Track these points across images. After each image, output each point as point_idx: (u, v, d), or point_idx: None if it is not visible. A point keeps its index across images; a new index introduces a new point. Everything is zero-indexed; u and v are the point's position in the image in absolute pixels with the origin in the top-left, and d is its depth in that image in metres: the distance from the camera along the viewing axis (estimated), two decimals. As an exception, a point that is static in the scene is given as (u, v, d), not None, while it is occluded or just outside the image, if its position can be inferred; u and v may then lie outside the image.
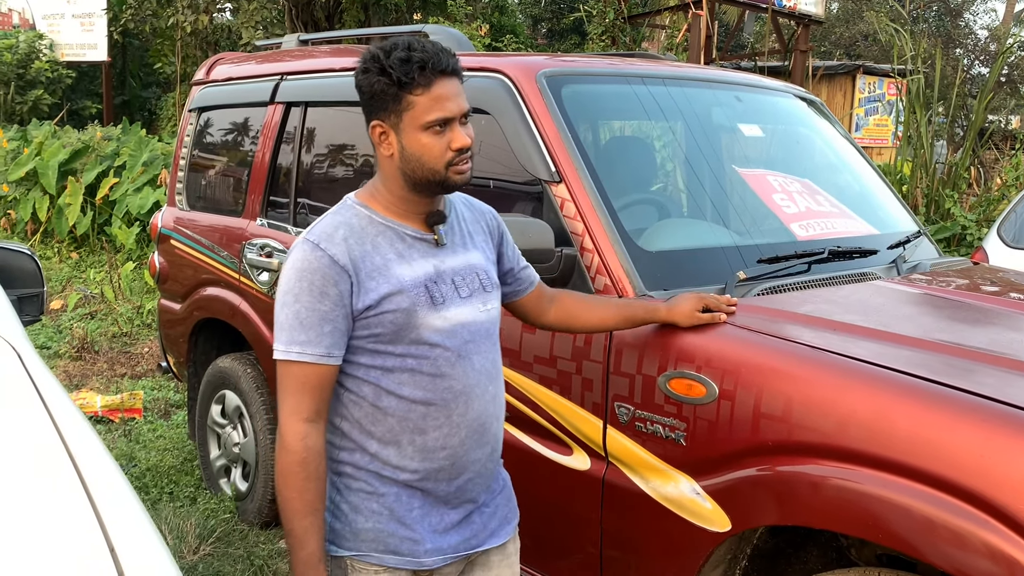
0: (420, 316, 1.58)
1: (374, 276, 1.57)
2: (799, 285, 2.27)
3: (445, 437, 1.63)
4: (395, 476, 1.63)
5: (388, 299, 1.56)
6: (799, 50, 10.56)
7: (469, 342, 1.65)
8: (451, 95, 1.55)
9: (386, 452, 1.62)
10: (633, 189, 2.64)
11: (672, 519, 1.99)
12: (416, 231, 1.64)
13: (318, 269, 1.54)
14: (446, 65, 1.54)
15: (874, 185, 3.04)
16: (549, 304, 1.94)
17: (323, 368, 1.56)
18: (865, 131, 13.63)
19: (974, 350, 1.86)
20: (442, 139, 1.56)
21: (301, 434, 1.55)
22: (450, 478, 1.65)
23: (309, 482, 1.55)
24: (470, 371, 1.65)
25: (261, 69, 3.54)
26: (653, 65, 2.87)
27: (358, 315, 1.56)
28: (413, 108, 1.54)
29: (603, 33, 11.11)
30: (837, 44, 18.52)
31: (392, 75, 1.52)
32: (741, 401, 1.86)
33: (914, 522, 1.61)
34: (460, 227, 1.72)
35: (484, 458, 1.70)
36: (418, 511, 1.65)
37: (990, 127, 12.94)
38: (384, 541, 1.63)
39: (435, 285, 1.61)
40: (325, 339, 1.55)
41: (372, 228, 1.61)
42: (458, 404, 1.63)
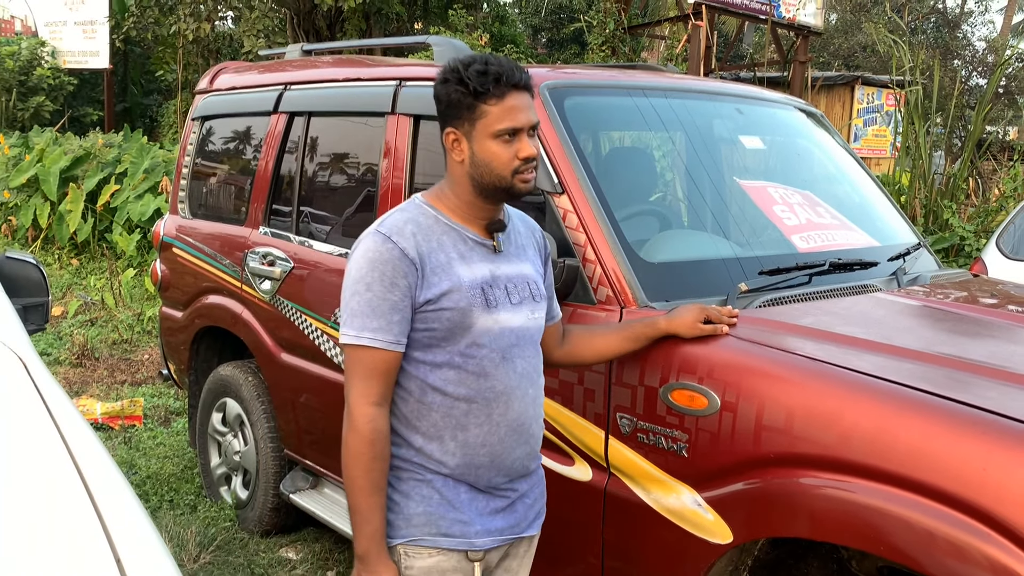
0: (474, 316, 1.67)
1: (437, 272, 1.66)
2: (800, 297, 2.28)
3: (486, 435, 1.71)
4: (439, 469, 1.71)
5: (447, 296, 1.66)
6: (798, 61, 10.61)
7: (514, 346, 1.73)
8: (522, 107, 1.66)
9: (430, 447, 1.70)
10: (635, 200, 2.65)
11: (674, 530, 1.99)
12: (477, 236, 1.73)
13: (389, 260, 1.64)
14: (519, 79, 1.65)
15: (874, 197, 3.05)
16: (560, 343, 2.00)
17: (391, 355, 1.66)
18: (864, 141, 13.66)
19: (975, 363, 1.87)
20: (510, 148, 1.65)
21: (369, 416, 1.65)
22: (491, 474, 1.74)
23: (376, 462, 1.66)
24: (512, 373, 1.73)
25: (265, 79, 3.55)
26: (655, 77, 2.89)
27: (418, 308, 1.66)
28: (486, 117, 1.64)
29: (603, 43, 11.15)
30: (836, 55, 18.59)
31: (469, 85, 1.63)
32: (743, 413, 1.87)
33: (915, 535, 1.61)
34: (516, 239, 1.82)
35: (523, 456, 1.78)
36: (466, 495, 1.73)
37: (988, 138, 12.97)
38: (436, 523, 1.71)
39: (490, 288, 1.70)
40: (395, 327, 1.65)
41: (438, 227, 1.71)
42: (499, 404, 1.71)
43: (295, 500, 3.28)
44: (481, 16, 16.07)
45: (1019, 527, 1.50)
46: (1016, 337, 2.13)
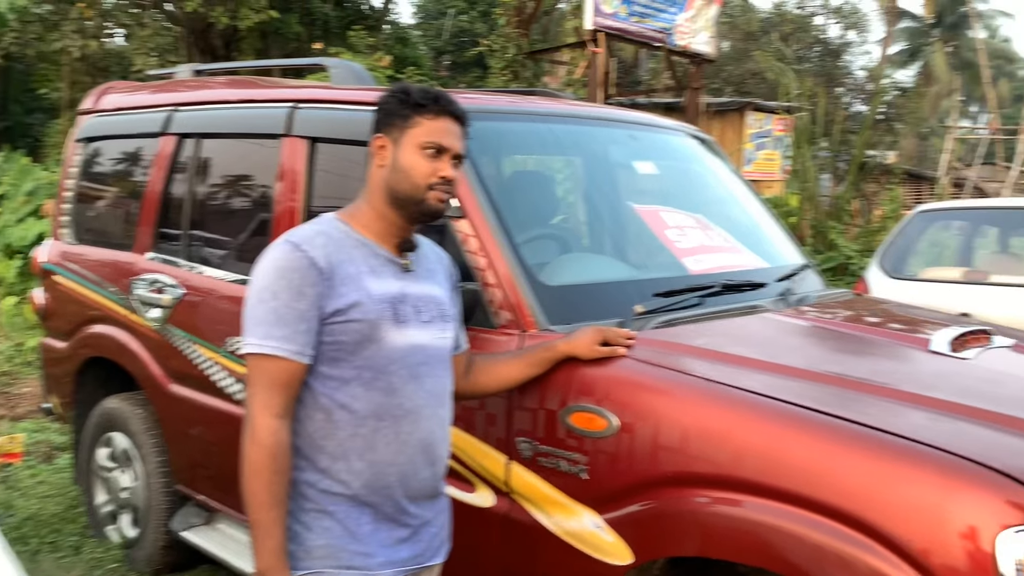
0: (383, 330, 1.67)
1: (346, 283, 1.66)
2: (693, 318, 2.34)
3: (394, 454, 1.70)
4: (345, 491, 1.68)
5: (356, 308, 1.65)
6: (692, 87, 10.98)
7: (423, 364, 1.74)
8: (452, 132, 1.73)
9: (336, 467, 1.68)
10: (534, 224, 2.67)
11: (574, 554, 1.99)
12: (388, 253, 1.75)
13: (297, 268, 1.63)
14: (457, 110, 1.74)
15: (763, 220, 3.17)
16: (464, 376, 1.99)
17: (296, 366, 1.63)
18: (755, 165, 14.22)
19: (858, 380, 1.95)
20: (432, 163, 1.70)
21: (272, 429, 1.62)
22: (398, 496, 1.72)
23: (277, 475, 1.62)
24: (421, 392, 1.73)
25: (154, 99, 3.43)
26: (552, 103, 2.92)
27: (326, 319, 1.64)
28: (417, 128, 1.70)
29: (505, 68, 11.28)
30: (728, 82, 19.33)
31: (410, 98, 1.71)
32: (640, 434, 1.89)
33: (805, 549, 1.66)
34: (426, 263, 1.84)
35: (431, 477, 1.77)
36: (368, 526, 1.70)
37: (869, 162, 13.69)
38: (337, 556, 1.68)
39: (400, 304, 1.71)
40: (300, 337, 1.63)
41: (349, 241, 1.72)
42: (407, 422, 1.71)
43: (187, 537, 3.14)
44: (382, 38, 16.03)
45: (899, 538, 1.57)
46: (896, 354, 2.24)
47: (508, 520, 2.14)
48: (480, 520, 2.20)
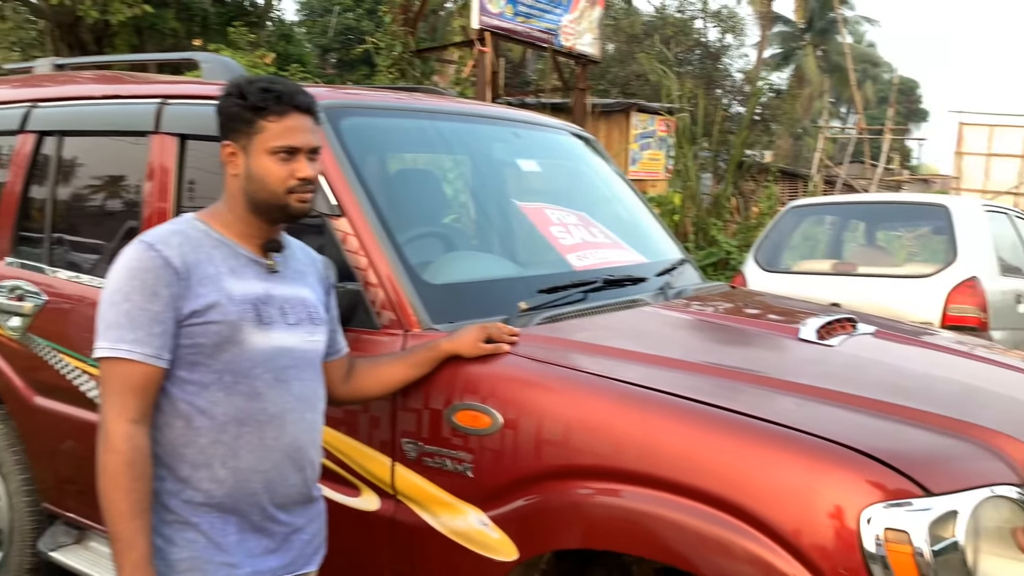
0: (244, 332, 1.62)
1: (205, 283, 1.60)
2: (576, 313, 2.36)
3: (258, 460, 1.65)
4: (208, 501, 1.63)
5: (215, 308, 1.60)
6: (578, 88, 11.16)
7: (290, 367, 1.69)
8: (301, 128, 1.66)
9: (198, 475, 1.62)
10: (417, 223, 2.64)
11: (461, 552, 1.98)
12: (251, 253, 1.70)
13: (151, 269, 1.57)
14: (300, 102, 1.67)
15: (643, 217, 3.24)
16: (345, 380, 1.97)
17: (151, 369, 1.58)
18: (640, 165, 14.57)
19: (731, 369, 2.01)
20: (287, 166, 1.65)
21: (128, 434, 1.55)
22: (265, 503, 1.67)
23: (136, 483, 1.55)
24: (287, 396, 1.68)
25: (9, 95, 3.23)
26: (435, 100, 2.91)
27: (183, 321, 1.59)
28: (263, 132, 1.64)
29: (392, 66, 11.18)
30: (614, 83, 19.71)
31: (248, 100, 1.64)
32: (524, 429, 1.90)
33: (685, 536, 1.70)
34: (295, 264, 1.79)
35: (300, 484, 1.72)
36: (234, 536, 1.65)
37: (747, 161, 14.24)
38: (201, 568, 1.62)
39: (264, 306, 1.66)
40: (155, 340, 1.57)
41: (208, 241, 1.66)
42: (272, 427, 1.66)
43: (56, 558, 2.96)
44: (265, 35, 15.61)
45: (773, 521, 1.62)
46: (767, 343, 2.33)
47: (394, 522, 2.11)
48: (366, 524, 2.16)
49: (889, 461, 1.60)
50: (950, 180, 18.81)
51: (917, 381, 2.07)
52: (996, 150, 18.92)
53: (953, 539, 1.55)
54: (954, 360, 2.40)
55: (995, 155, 18.85)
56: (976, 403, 1.97)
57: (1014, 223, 5.81)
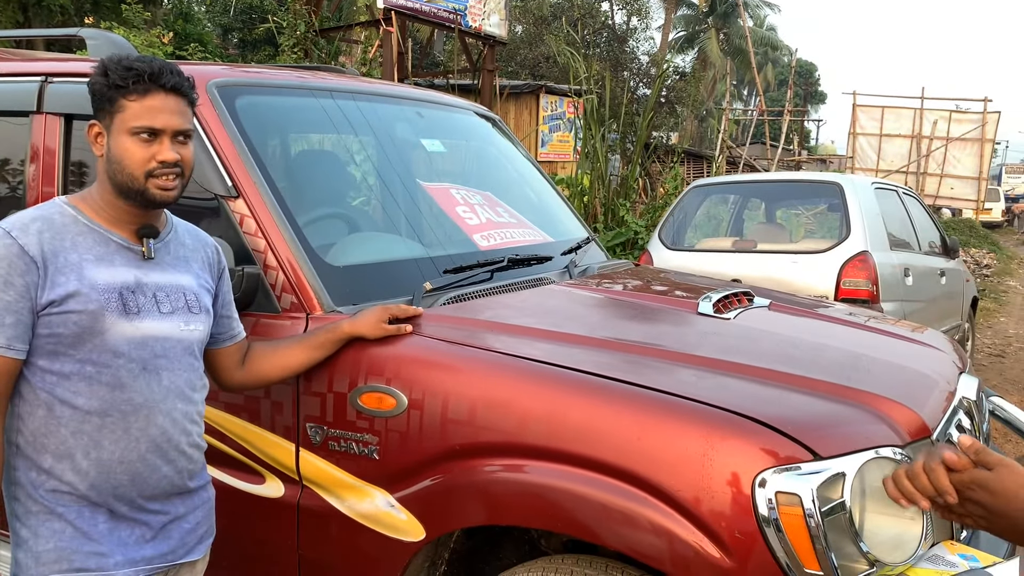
0: (107, 322, 1.57)
1: (65, 272, 1.55)
2: (482, 293, 2.37)
3: (123, 451, 1.61)
4: (73, 491, 1.59)
5: (74, 298, 1.55)
6: (486, 69, 11.12)
7: (160, 357, 1.64)
8: (166, 109, 1.60)
9: (60, 467, 1.58)
10: (319, 204, 2.59)
11: (369, 535, 1.97)
12: (124, 239, 1.64)
13: (5, 257, 1.52)
14: (167, 82, 1.60)
15: (548, 196, 3.26)
16: (241, 365, 1.93)
17: (4, 361, 1.53)
18: (550, 147, 14.67)
19: (632, 343, 2.05)
20: (147, 148, 1.59)
21: None
22: (134, 495, 1.63)
23: None
24: (156, 386, 1.64)
25: None
26: (337, 79, 2.85)
27: (41, 310, 1.54)
28: (123, 112, 1.59)
29: (295, 45, 10.91)
30: (523, 65, 19.74)
31: (110, 77, 1.58)
32: (429, 409, 1.89)
33: (591, 508, 1.73)
34: (177, 250, 1.73)
35: (172, 475, 1.68)
36: (104, 525, 1.61)
37: (654, 142, 14.49)
38: (68, 559, 1.58)
39: (132, 295, 1.61)
40: (7, 330, 1.52)
41: (75, 227, 1.61)
42: (138, 418, 1.61)
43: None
44: (162, 12, 15.02)
45: (672, 490, 1.67)
46: (667, 318, 2.38)
47: (300, 508, 2.08)
48: (272, 511, 2.12)
49: (779, 427, 1.66)
50: (845, 159, 19.60)
51: (808, 351, 2.15)
52: (888, 131, 19.79)
53: (841, 499, 1.63)
54: (843, 330, 2.51)
55: (887, 135, 19.72)
56: (862, 370, 2.06)
57: (902, 200, 6.09)
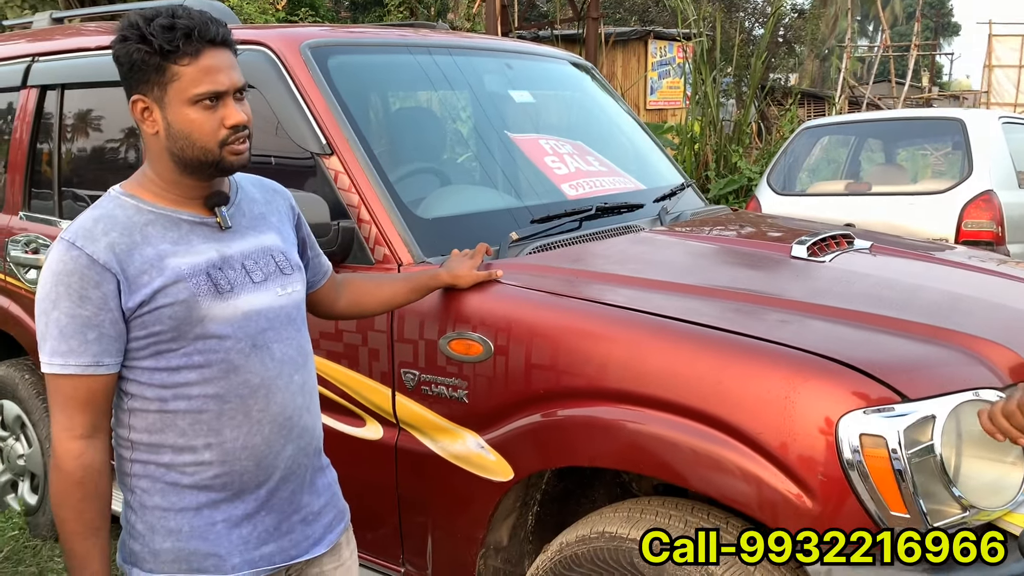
0: (203, 307, 1.45)
1: (145, 270, 1.43)
2: (569, 242, 2.39)
3: (245, 436, 1.51)
4: (196, 484, 1.50)
5: (163, 292, 1.43)
6: (591, 17, 10.93)
7: (267, 330, 1.53)
8: (222, 67, 1.44)
9: (181, 460, 1.50)
10: (410, 159, 2.67)
11: (461, 475, 2.06)
12: (194, 215, 1.51)
13: (75, 271, 1.40)
14: (215, 34, 1.43)
15: (643, 144, 3.23)
16: (339, 293, 1.90)
17: (93, 379, 1.43)
18: (660, 94, 14.35)
19: (717, 288, 2.03)
20: (214, 115, 1.44)
21: (75, 453, 1.43)
22: (259, 482, 1.54)
23: (87, 502, 1.44)
24: (269, 362, 1.53)
25: (8, 50, 3.27)
26: (425, 35, 2.90)
27: (131, 315, 1.43)
28: (179, 80, 1.41)
29: (400, 4, 11.02)
30: (631, 11, 19.29)
31: (154, 43, 1.39)
32: (514, 355, 1.94)
33: (680, 453, 1.73)
34: (249, 209, 1.60)
35: (296, 454, 1.58)
36: (222, 525, 1.52)
37: (770, 84, 13.94)
38: (187, 560, 1.51)
39: (220, 272, 1.49)
40: (91, 347, 1.42)
41: (140, 218, 1.47)
42: (257, 399, 1.52)
43: (89, 497, 3.10)
44: (275, -21, 15.40)
45: (757, 435, 1.66)
46: (757, 262, 2.34)
47: (398, 449, 2.18)
48: (372, 452, 2.24)
49: (864, 368, 1.63)
50: (980, 95, 18.30)
51: (903, 292, 2.07)
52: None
53: (930, 443, 1.58)
54: (948, 271, 2.39)
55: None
56: (962, 311, 1.97)
57: (1035, 134, 5.67)
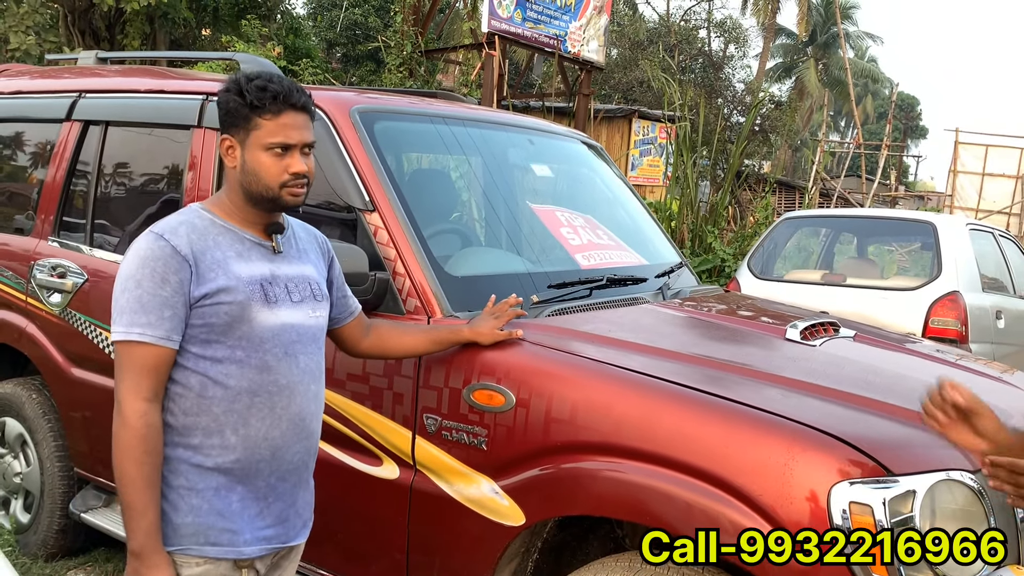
0: (253, 311, 1.73)
1: (213, 268, 1.71)
2: (582, 308, 2.59)
3: (268, 428, 1.76)
4: (218, 467, 1.73)
5: (225, 291, 1.70)
6: (582, 93, 11.36)
7: (296, 342, 1.81)
8: (296, 126, 1.75)
9: (210, 442, 1.72)
10: (440, 219, 2.87)
11: (473, 517, 2.20)
12: (255, 237, 1.81)
13: (160, 257, 1.67)
14: (297, 100, 1.75)
15: (644, 222, 3.46)
16: (365, 334, 2.14)
17: (162, 350, 1.68)
18: (640, 171, 14.80)
19: (722, 362, 2.24)
20: (281, 162, 1.74)
21: (141, 411, 1.66)
22: (270, 471, 1.78)
23: (148, 456, 1.66)
24: (295, 368, 1.80)
25: (57, 84, 3.43)
26: (458, 107, 3.12)
27: (195, 303, 1.69)
28: (259, 129, 1.73)
29: (400, 65, 11.37)
30: (616, 88, 19.92)
31: (247, 97, 1.71)
32: (535, 408, 2.12)
33: (675, 505, 1.91)
34: (296, 243, 1.90)
35: (303, 452, 1.85)
36: (237, 504, 1.75)
37: (745, 171, 14.45)
38: (204, 534, 1.73)
39: (270, 286, 1.77)
40: (165, 323, 1.67)
41: (214, 229, 1.76)
42: (282, 397, 1.78)
43: (87, 519, 3.17)
44: (275, 27, 15.78)
45: (754, 494, 1.84)
46: (756, 341, 2.55)
47: (413, 490, 2.32)
48: (385, 492, 2.37)
49: (856, 444, 1.82)
50: (944, 197, 19.08)
51: (887, 378, 2.29)
52: (991, 170, 19.18)
53: (910, 514, 1.78)
54: (924, 363, 2.63)
55: (989, 175, 19.12)
56: (938, 399, 2.19)
57: (998, 242, 6.05)
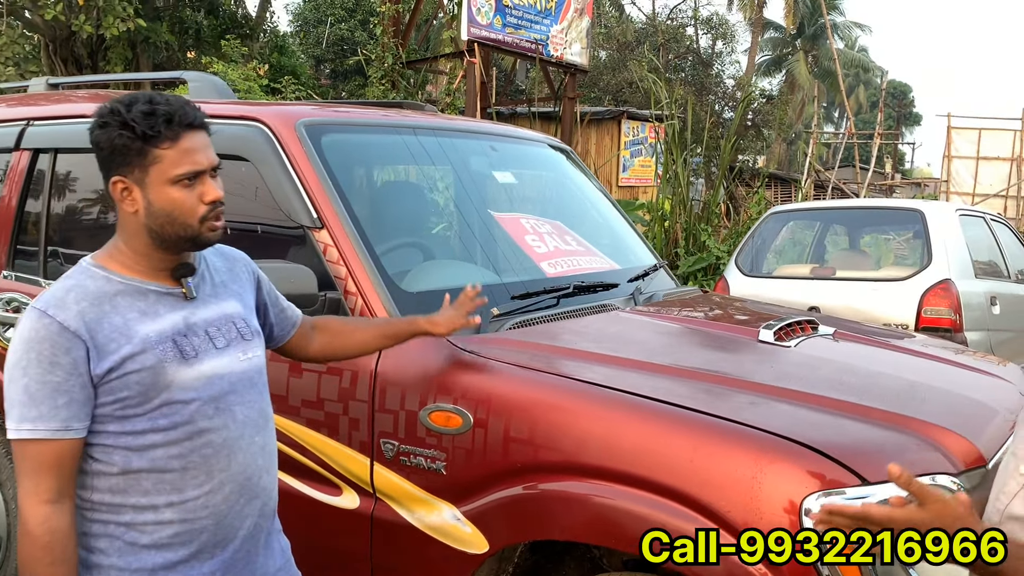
0: (169, 373, 1.52)
1: (114, 338, 1.49)
2: (548, 318, 2.48)
3: (207, 496, 1.56)
4: (155, 542, 1.54)
5: (131, 359, 1.49)
6: (568, 97, 11.28)
7: (229, 393, 1.61)
8: (200, 147, 1.53)
9: (143, 519, 1.53)
10: (397, 233, 2.76)
11: (436, 546, 2.09)
12: (161, 286, 1.59)
13: (46, 338, 1.45)
14: (193, 118, 1.53)
15: (618, 225, 3.36)
16: (311, 338, 1.99)
17: (61, 444, 1.47)
18: (632, 171, 14.71)
19: (690, 369, 2.13)
20: (193, 193, 1.53)
21: (42, 517, 1.46)
22: (216, 542, 1.59)
23: (55, 567, 1.46)
24: (231, 423, 1.60)
25: (4, 114, 3.34)
26: (414, 116, 3.02)
27: (99, 381, 1.48)
28: (160, 162, 1.50)
29: (383, 77, 11.30)
30: (605, 91, 19.86)
31: (136, 129, 1.48)
32: (493, 428, 2.01)
33: (644, 527, 1.80)
34: (212, 277, 1.69)
35: (255, 514, 1.64)
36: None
37: (739, 166, 14.36)
38: None
39: (185, 339, 1.56)
40: (60, 412, 1.46)
41: (110, 288, 1.54)
42: (219, 459, 1.58)
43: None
44: (258, 47, 15.74)
45: (723, 511, 1.73)
46: (727, 345, 2.44)
47: (374, 519, 2.22)
48: (348, 521, 2.27)
49: (826, 451, 1.71)
50: (940, 183, 18.97)
51: (864, 378, 2.18)
52: (985, 154, 19.07)
53: (888, 525, 1.66)
54: (906, 359, 2.52)
55: (984, 159, 19.02)
56: (917, 399, 2.08)
57: (990, 226, 5.93)
